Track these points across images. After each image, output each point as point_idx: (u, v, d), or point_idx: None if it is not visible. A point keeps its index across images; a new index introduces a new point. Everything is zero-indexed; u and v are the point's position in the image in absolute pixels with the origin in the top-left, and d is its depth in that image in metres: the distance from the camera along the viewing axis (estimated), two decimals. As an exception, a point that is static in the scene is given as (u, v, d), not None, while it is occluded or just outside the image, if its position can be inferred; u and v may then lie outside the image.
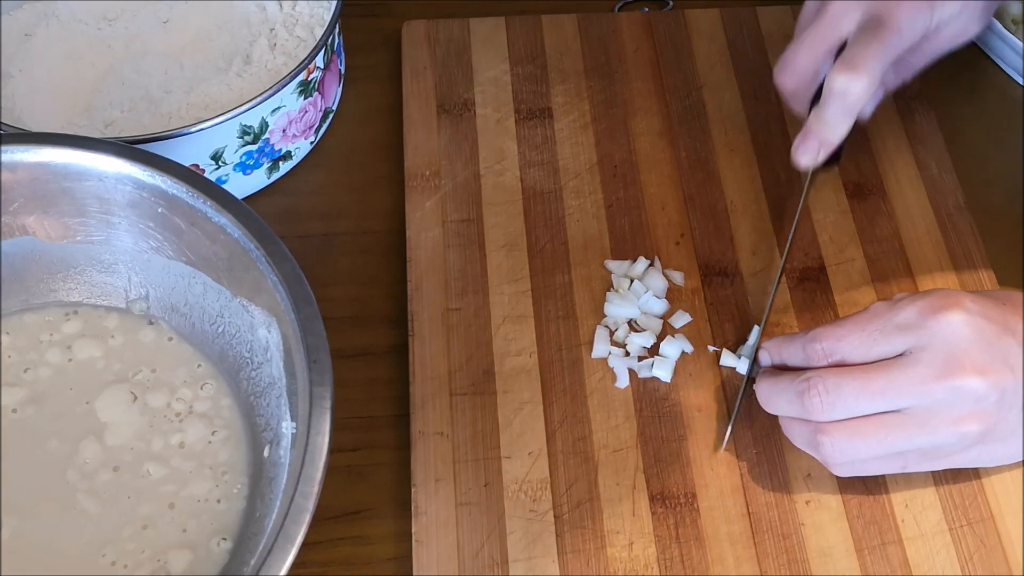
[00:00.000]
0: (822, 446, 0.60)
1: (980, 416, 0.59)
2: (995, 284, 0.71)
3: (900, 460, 0.61)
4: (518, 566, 0.61)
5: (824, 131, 0.67)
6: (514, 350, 0.69)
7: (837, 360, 0.61)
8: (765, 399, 0.63)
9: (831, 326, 0.61)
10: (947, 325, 0.59)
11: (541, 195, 0.75)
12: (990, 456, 0.62)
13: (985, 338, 0.59)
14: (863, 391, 0.59)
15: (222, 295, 0.64)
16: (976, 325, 0.59)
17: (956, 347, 0.58)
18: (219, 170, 0.73)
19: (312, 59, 0.73)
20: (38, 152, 0.63)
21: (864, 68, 0.65)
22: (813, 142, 0.68)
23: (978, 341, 0.59)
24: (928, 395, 0.58)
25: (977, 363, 0.58)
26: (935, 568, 0.61)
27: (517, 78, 0.81)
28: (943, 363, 0.58)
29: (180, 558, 0.59)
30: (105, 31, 0.78)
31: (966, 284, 0.71)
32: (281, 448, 0.59)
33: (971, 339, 0.58)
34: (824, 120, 0.67)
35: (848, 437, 0.59)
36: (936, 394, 0.58)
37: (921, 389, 0.58)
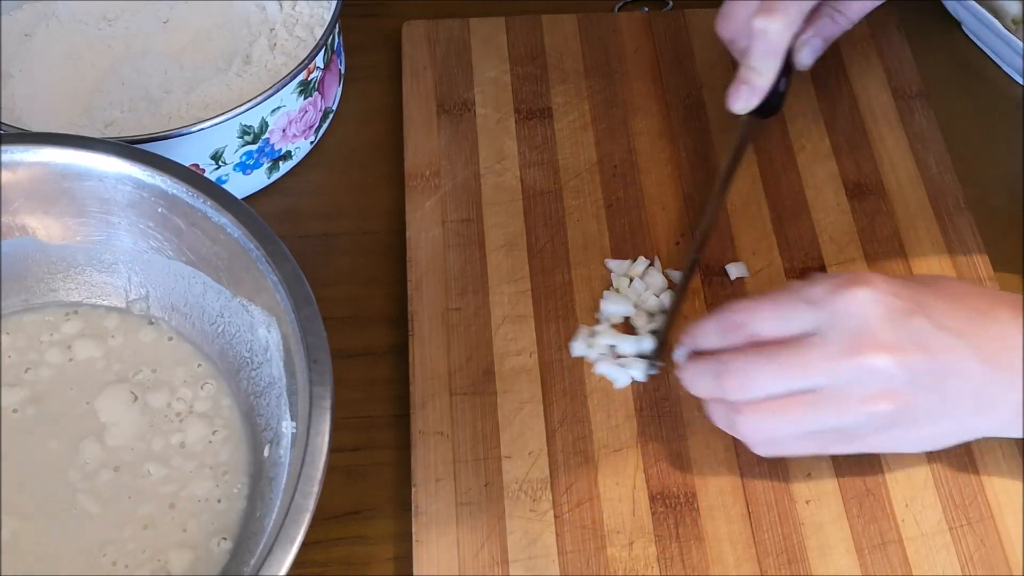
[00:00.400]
0: (737, 425, 0.60)
1: (890, 395, 0.58)
2: (995, 283, 0.71)
3: (817, 440, 0.60)
4: (518, 566, 0.61)
5: (751, 76, 0.71)
6: (514, 350, 0.69)
7: (750, 333, 0.60)
8: (689, 383, 0.63)
9: (746, 300, 0.62)
10: (852, 302, 0.58)
11: (541, 195, 0.75)
12: (914, 440, 0.61)
13: (893, 316, 0.58)
14: (776, 371, 0.59)
15: (222, 295, 0.64)
16: (884, 302, 0.58)
17: (862, 324, 0.58)
18: (219, 170, 0.73)
19: (312, 59, 0.73)
20: (38, 152, 0.63)
21: (781, 10, 0.69)
22: (744, 87, 0.71)
23: (886, 319, 0.58)
24: (837, 373, 0.58)
25: (884, 341, 0.58)
26: (935, 568, 0.61)
27: (517, 78, 0.81)
28: (849, 340, 0.58)
29: (180, 558, 0.59)
30: (105, 31, 0.78)
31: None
32: (281, 448, 0.59)
33: (878, 316, 0.58)
34: (750, 65, 0.70)
35: (762, 417, 0.59)
36: (844, 372, 0.58)
37: (830, 366, 0.58)
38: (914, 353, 0.58)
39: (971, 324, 0.59)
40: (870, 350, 0.58)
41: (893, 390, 0.58)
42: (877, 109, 0.80)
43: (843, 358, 0.58)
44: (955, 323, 0.59)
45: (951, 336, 0.58)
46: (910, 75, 0.82)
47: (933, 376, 0.58)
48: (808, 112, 0.79)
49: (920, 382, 0.58)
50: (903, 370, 0.58)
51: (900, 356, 0.58)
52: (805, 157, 0.77)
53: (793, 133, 0.78)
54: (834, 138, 0.78)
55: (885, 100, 0.80)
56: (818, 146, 0.78)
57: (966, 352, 0.58)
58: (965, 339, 0.58)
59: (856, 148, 0.78)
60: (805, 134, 0.78)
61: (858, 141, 0.78)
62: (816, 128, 0.79)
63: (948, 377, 0.58)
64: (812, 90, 0.81)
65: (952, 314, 0.59)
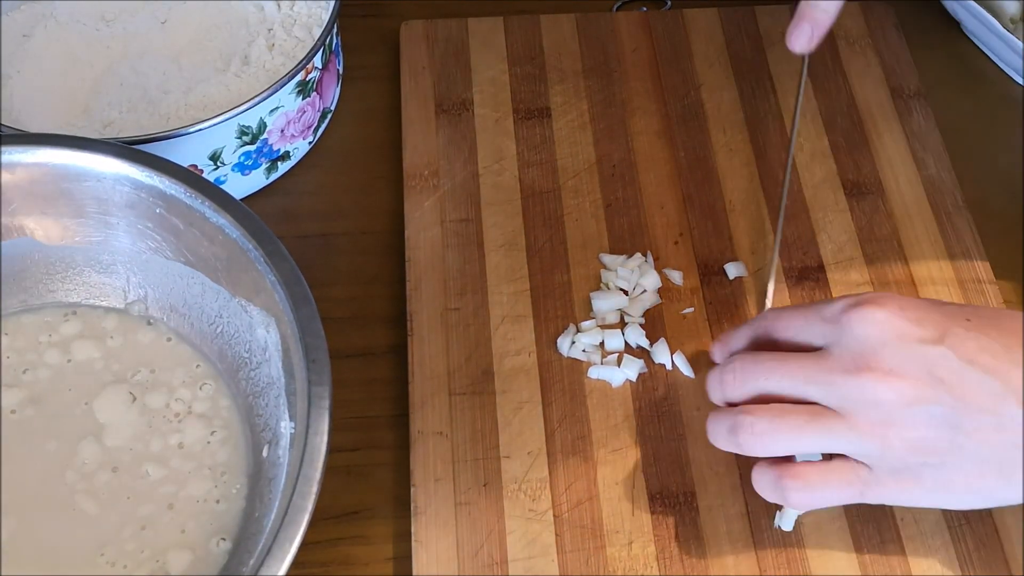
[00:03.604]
0: (739, 428, 0.57)
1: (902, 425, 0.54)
2: (994, 285, 0.71)
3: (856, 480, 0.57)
4: (517, 565, 0.61)
5: (816, 13, 0.68)
6: (513, 350, 0.69)
7: (770, 338, 0.60)
8: (709, 390, 0.61)
9: (780, 308, 0.61)
10: (860, 322, 0.56)
11: (540, 195, 0.75)
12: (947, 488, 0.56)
13: (905, 342, 0.55)
14: (773, 369, 0.57)
15: (221, 295, 0.64)
16: (896, 327, 0.55)
17: (866, 345, 0.55)
18: (217, 170, 0.73)
19: (310, 59, 0.73)
20: (36, 153, 0.63)
21: None
22: (806, 25, 0.68)
23: (894, 344, 0.55)
24: (834, 388, 0.56)
25: (886, 366, 0.55)
26: (934, 568, 0.61)
27: (515, 78, 0.81)
28: (851, 360, 0.55)
29: (179, 558, 0.59)
30: (103, 32, 0.78)
31: (964, 283, 0.71)
32: (280, 448, 0.59)
33: (885, 340, 0.55)
34: (814, 3, 0.68)
35: (771, 419, 0.57)
36: (841, 388, 0.55)
37: (828, 379, 0.56)
38: (924, 384, 0.54)
39: (1013, 364, 0.54)
40: (869, 373, 0.55)
41: (903, 420, 0.55)
42: (875, 108, 0.80)
43: (841, 374, 0.55)
44: (991, 362, 0.54)
45: (982, 375, 0.54)
46: (908, 74, 0.82)
47: (955, 413, 0.54)
48: (806, 111, 0.79)
49: (940, 418, 0.54)
50: (906, 400, 0.54)
51: (903, 384, 0.54)
52: (804, 157, 0.77)
53: (802, 67, 0.78)
54: (832, 137, 0.78)
55: (883, 99, 0.80)
56: (816, 145, 0.78)
57: (1001, 394, 0.54)
58: (1000, 380, 0.54)
59: (854, 147, 0.78)
60: (803, 133, 0.78)
61: (856, 140, 0.78)
62: (814, 127, 0.79)
63: (978, 419, 0.54)
64: (810, 89, 0.81)
65: (988, 351, 0.54)
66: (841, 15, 0.83)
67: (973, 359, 0.54)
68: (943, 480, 0.56)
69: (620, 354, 0.68)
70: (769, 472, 0.58)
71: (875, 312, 0.56)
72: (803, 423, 0.56)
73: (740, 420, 0.58)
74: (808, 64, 0.71)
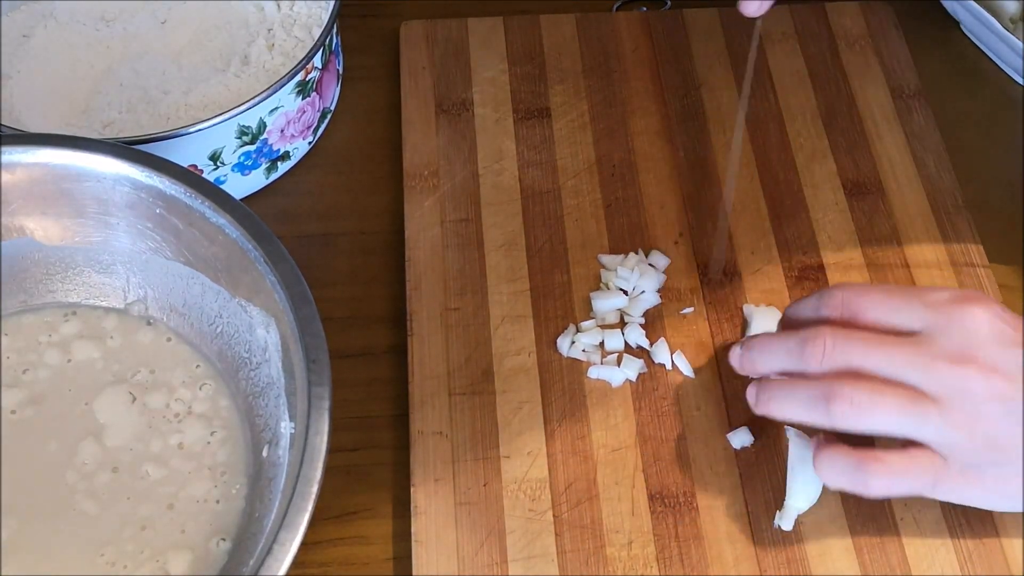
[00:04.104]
0: (836, 399, 0.57)
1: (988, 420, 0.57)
2: (994, 283, 0.71)
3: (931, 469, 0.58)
4: (517, 565, 0.61)
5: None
6: (513, 350, 0.69)
7: (850, 314, 0.59)
8: (756, 353, 0.61)
9: (860, 285, 0.61)
10: (971, 316, 0.58)
11: (540, 195, 0.75)
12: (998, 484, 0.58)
13: (1002, 341, 0.57)
14: (871, 348, 0.58)
15: (220, 295, 0.64)
16: (997, 327, 0.58)
17: (973, 339, 0.57)
18: (217, 170, 0.73)
19: (310, 59, 0.73)
20: (36, 153, 0.63)
21: None
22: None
23: (994, 342, 0.57)
24: (936, 375, 0.57)
25: (988, 362, 0.57)
26: (934, 567, 0.61)
27: (515, 78, 0.81)
28: (956, 350, 0.57)
29: (179, 559, 0.59)
30: (103, 32, 0.78)
31: (964, 283, 0.71)
32: (280, 448, 0.59)
33: (989, 338, 0.57)
34: None
35: (871, 393, 0.57)
36: (943, 379, 0.57)
37: (930, 366, 0.57)
38: (1012, 382, 0.57)
39: None
40: (974, 366, 0.57)
41: (989, 415, 0.57)
42: (875, 108, 0.80)
43: (945, 363, 0.57)
44: None
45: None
46: (908, 74, 0.82)
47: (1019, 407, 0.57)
48: (806, 111, 0.80)
49: (1011, 413, 0.57)
50: (995, 395, 0.57)
51: (996, 381, 0.57)
52: (803, 156, 0.77)
53: (791, 132, 0.78)
54: (832, 137, 0.78)
55: (883, 99, 0.80)
56: (816, 145, 0.78)
57: None
58: None
59: (854, 147, 0.78)
60: (803, 133, 0.78)
61: (856, 140, 0.78)
62: (814, 127, 0.79)
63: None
64: (810, 89, 0.81)
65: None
66: (841, 15, 0.84)
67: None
68: (1004, 480, 0.58)
69: (620, 354, 0.68)
70: (847, 457, 0.58)
71: (982, 310, 0.58)
72: (904, 403, 0.57)
73: (838, 390, 0.57)
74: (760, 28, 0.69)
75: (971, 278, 0.72)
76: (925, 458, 0.58)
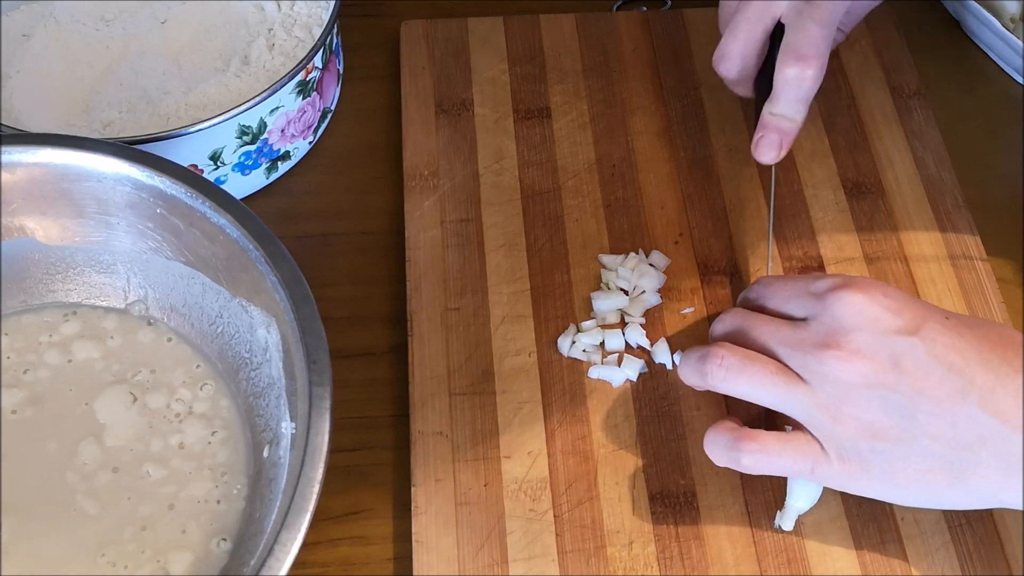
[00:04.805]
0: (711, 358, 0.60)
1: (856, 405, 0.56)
2: (994, 283, 0.71)
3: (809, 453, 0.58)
4: (518, 566, 0.61)
5: (782, 124, 0.67)
6: (513, 350, 0.69)
7: (760, 300, 0.63)
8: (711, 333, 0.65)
9: (771, 277, 0.64)
10: (839, 302, 0.58)
11: (540, 195, 0.75)
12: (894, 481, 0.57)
13: (878, 328, 0.57)
14: (754, 325, 0.61)
15: (221, 295, 0.64)
16: (872, 313, 0.57)
17: (840, 325, 0.58)
18: (218, 170, 0.73)
19: (310, 59, 0.73)
20: (36, 153, 0.63)
21: (813, 54, 0.65)
22: (774, 136, 0.67)
23: (867, 328, 0.57)
24: (801, 357, 0.58)
25: (853, 347, 0.57)
26: (934, 567, 0.61)
27: (515, 78, 0.81)
28: (822, 336, 0.58)
29: (180, 559, 0.59)
30: (103, 32, 0.78)
31: (964, 283, 0.71)
32: (280, 448, 0.59)
33: (859, 324, 0.57)
34: (780, 114, 0.67)
35: (741, 358, 0.59)
36: (806, 358, 0.58)
37: (798, 348, 0.58)
38: (884, 370, 0.56)
39: (982, 367, 0.55)
40: (832, 350, 0.57)
41: (858, 402, 0.57)
42: (876, 108, 0.80)
43: (811, 347, 0.58)
44: (959, 360, 0.56)
45: (946, 372, 0.55)
46: (908, 74, 0.82)
47: (905, 401, 0.56)
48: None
49: (893, 405, 0.56)
50: (862, 381, 0.56)
51: (863, 366, 0.56)
52: (803, 156, 0.77)
53: (771, 178, 0.78)
54: (832, 137, 0.78)
55: (884, 99, 0.80)
56: (816, 145, 0.78)
57: (960, 393, 0.55)
58: (964, 379, 0.55)
59: (855, 147, 0.78)
60: (803, 133, 0.78)
61: (857, 140, 0.78)
62: (814, 127, 0.79)
63: (931, 413, 0.55)
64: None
65: (959, 351, 0.56)
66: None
67: (941, 355, 0.56)
68: (890, 469, 0.57)
69: (620, 354, 0.68)
70: (725, 435, 0.60)
71: (855, 296, 0.58)
72: (770, 372, 0.59)
73: (712, 352, 0.60)
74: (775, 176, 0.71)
75: (971, 277, 0.72)
76: (802, 440, 0.59)
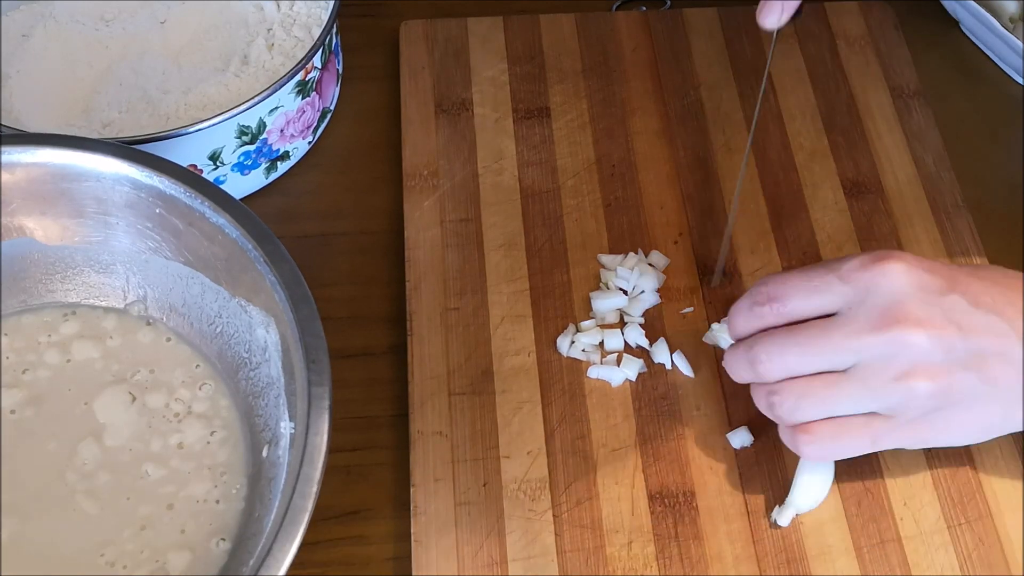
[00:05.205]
0: (774, 407, 0.59)
1: (926, 372, 0.57)
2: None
3: (861, 430, 0.59)
4: (517, 565, 0.61)
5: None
6: (513, 349, 0.69)
7: (778, 303, 0.59)
8: (729, 369, 0.62)
9: (778, 273, 0.61)
10: (884, 276, 0.57)
11: (539, 194, 0.75)
12: (963, 427, 0.59)
13: (926, 292, 0.57)
14: (803, 350, 0.58)
15: (220, 295, 0.64)
16: (916, 278, 0.57)
17: (892, 299, 0.57)
18: (217, 170, 0.73)
19: (310, 59, 0.73)
20: (36, 153, 0.63)
21: None
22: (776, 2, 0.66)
23: (918, 294, 0.57)
24: (867, 349, 0.57)
25: (916, 316, 0.56)
26: (934, 567, 0.61)
27: (515, 78, 0.81)
28: (879, 316, 0.57)
29: (179, 559, 0.59)
30: (103, 32, 0.78)
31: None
32: (280, 448, 0.59)
33: (909, 292, 0.57)
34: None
35: (796, 398, 0.58)
36: (874, 347, 0.57)
37: (859, 343, 0.57)
38: (948, 330, 0.57)
39: (1010, 305, 0.57)
40: (901, 324, 0.56)
41: (929, 366, 0.57)
42: (875, 108, 0.80)
43: (873, 333, 0.57)
44: (993, 303, 0.57)
45: (988, 315, 0.57)
46: (908, 74, 0.82)
47: (970, 355, 0.57)
48: (806, 111, 0.80)
49: (957, 361, 0.57)
50: (936, 346, 0.56)
51: (933, 332, 0.56)
52: (803, 156, 0.77)
53: (791, 132, 0.78)
54: (832, 137, 0.78)
55: (883, 99, 0.80)
56: (816, 145, 0.78)
57: (1006, 332, 0.57)
58: (1004, 319, 0.57)
59: (854, 147, 0.78)
60: (803, 133, 0.78)
61: (856, 140, 0.78)
62: (814, 127, 0.79)
63: (987, 357, 0.57)
64: (810, 89, 0.81)
65: (989, 294, 0.57)
66: (841, 15, 0.84)
67: (979, 302, 0.57)
68: (955, 422, 0.58)
69: (620, 354, 0.68)
70: (784, 430, 0.60)
71: (896, 265, 0.58)
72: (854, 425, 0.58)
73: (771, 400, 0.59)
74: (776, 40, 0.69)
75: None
76: (859, 423, 0.59)
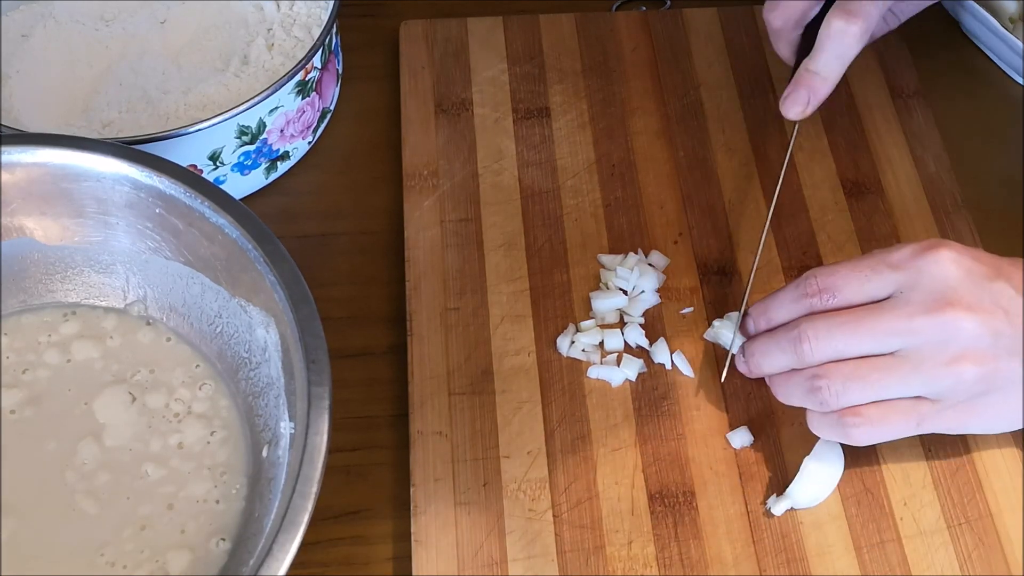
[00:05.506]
0: (820, 391, 0.59)
1: (975, 357, 0.57)
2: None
3: (907, 413, 0.59)
4: (517, 565, 0.61)
5: (815, 81, 0.67)
6: (512, 349, 0.69)
7: (828, 293, 0.60)
8: (759, 359, 0.62)
9: (825, 266, 0.62)
10: (935, 263, 0.58)
11: (539, 194, 0.75)
12: (1007, 412, 0.60)
13: (975, 278, 0.58)
14: (853, 331, 0.59)
15: (220, 295, 0.64)
16: (965, 265, 0.58)
17: (945, 284, 0.58)
18: (217, 170, 0.73)
19: (310, 59, 0.73)
20: (36, 153, 0.63)
21: (862, 13, 0.65)
22: (803, 92, 0.67)
23: (968, 280, 0.58)
24: (918, 333, 0.58)
25: (966, 301, 0.57)
26: (934, 566, 0.61)
27: (515, 77, 0.81)
28: (932, 300, 0.58)
29: (179, 559, 0.59)
30: (102, 32, 0.78)
31: (964, 282, 0.71)
32: (280, 448, 0.59)
33: (960, 277, 0.58)
34: (816, 69, 0.67)
35: (844, 379, 0.59)
36: (926, 332, 0.58)
37: (910, 326, 0.58)
38: (996, 315, 0.58)
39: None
40: (952, 309, 0.57)
41: (978, 351, 0.57)
42: (875, 108, 0.80)
43: (924, 317, 0.57)
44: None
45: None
46: (908, 74, 0.82)
47: (1015, 341, 0.58)
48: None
49: (1004, 346, 0.58)
50: (986, 331, 0.57)
51: (982, 316, 0.57)
52: (803, 156, 0.77)
53: (791, 132, 0.78)
54: (832, 137, 0.78)
55: (883, 99, 0.80)
56: (816, 145, 0.78)
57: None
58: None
59: (854, 147, 0.78)
60: (803, 133, 0.78)
61: (856, 140, 0.78)
62: (814, 127, 0.79)
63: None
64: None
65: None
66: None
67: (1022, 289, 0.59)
68: (996, 408, 0.60)
69: (619, 354, 0.69)
70: (821, 417, 0.60)
71: (947, 252, 0.59)
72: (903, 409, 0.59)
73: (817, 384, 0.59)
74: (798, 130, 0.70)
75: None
76: (906, 405, 0.59)
